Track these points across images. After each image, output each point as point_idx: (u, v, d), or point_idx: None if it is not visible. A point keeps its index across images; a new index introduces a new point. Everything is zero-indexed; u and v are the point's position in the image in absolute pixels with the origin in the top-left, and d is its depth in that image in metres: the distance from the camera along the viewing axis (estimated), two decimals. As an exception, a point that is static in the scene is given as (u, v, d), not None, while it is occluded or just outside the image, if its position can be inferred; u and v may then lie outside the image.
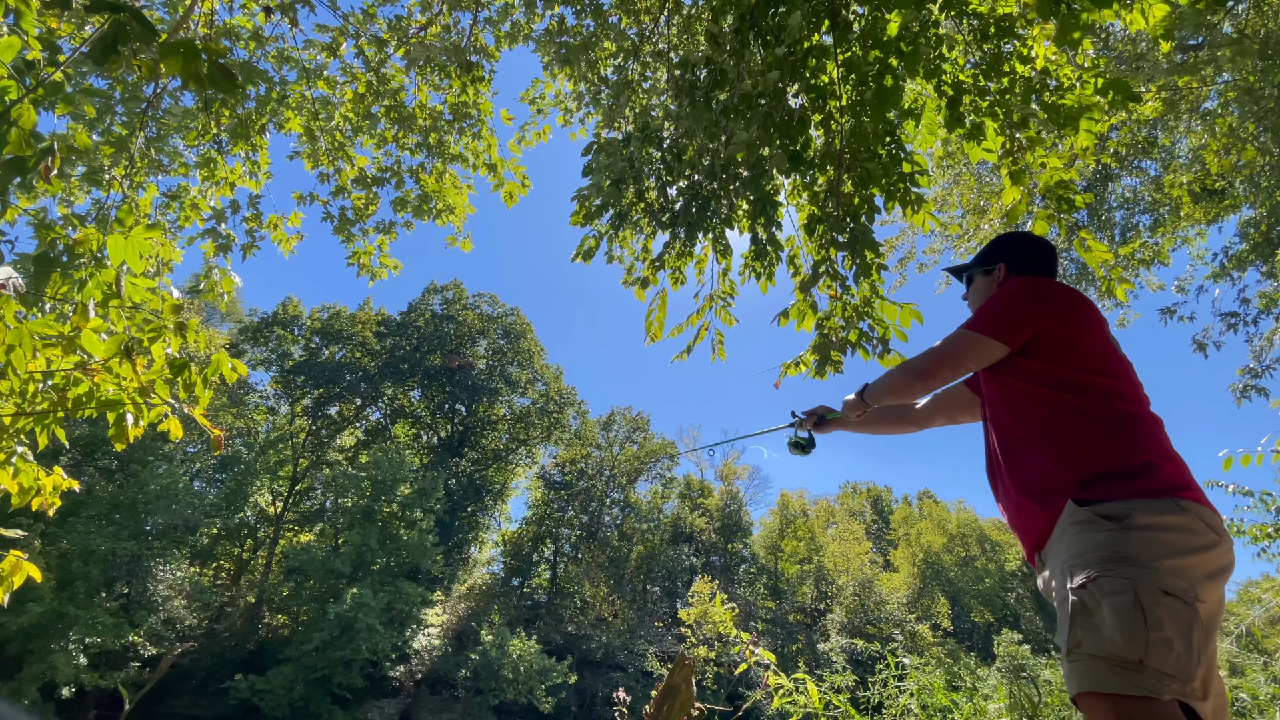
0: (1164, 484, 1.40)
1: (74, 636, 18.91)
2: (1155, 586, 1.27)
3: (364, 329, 34.01)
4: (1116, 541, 1.33)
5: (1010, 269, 1.94)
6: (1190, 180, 7.26)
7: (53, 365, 2.42)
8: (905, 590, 36.51)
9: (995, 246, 2.02)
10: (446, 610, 28.42)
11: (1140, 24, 2.56)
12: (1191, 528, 1.35)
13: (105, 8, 1.60)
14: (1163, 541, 1.32)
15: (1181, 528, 1.34)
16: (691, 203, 3.51)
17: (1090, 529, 1.38)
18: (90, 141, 2.65)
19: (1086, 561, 1.35)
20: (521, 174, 5.48)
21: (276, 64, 4.96)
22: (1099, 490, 1.43)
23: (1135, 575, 1.28)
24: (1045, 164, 2.96)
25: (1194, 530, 1.35)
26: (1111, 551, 1.33)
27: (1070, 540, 1.41)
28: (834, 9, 2.90)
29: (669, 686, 3.00)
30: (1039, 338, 1.65)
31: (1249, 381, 8.09)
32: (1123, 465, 1.44)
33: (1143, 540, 1.33)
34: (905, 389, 1.88)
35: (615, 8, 4.75)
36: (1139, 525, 1.34)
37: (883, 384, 1.97)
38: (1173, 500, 1.37)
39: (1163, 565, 1.29)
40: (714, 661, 24.08)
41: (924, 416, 2.23)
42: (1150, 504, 1.37)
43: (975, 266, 2.05)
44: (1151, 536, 1.33)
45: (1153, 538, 1.33)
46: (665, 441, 38.88)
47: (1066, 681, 1.31)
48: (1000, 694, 3.66)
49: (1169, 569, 1.29)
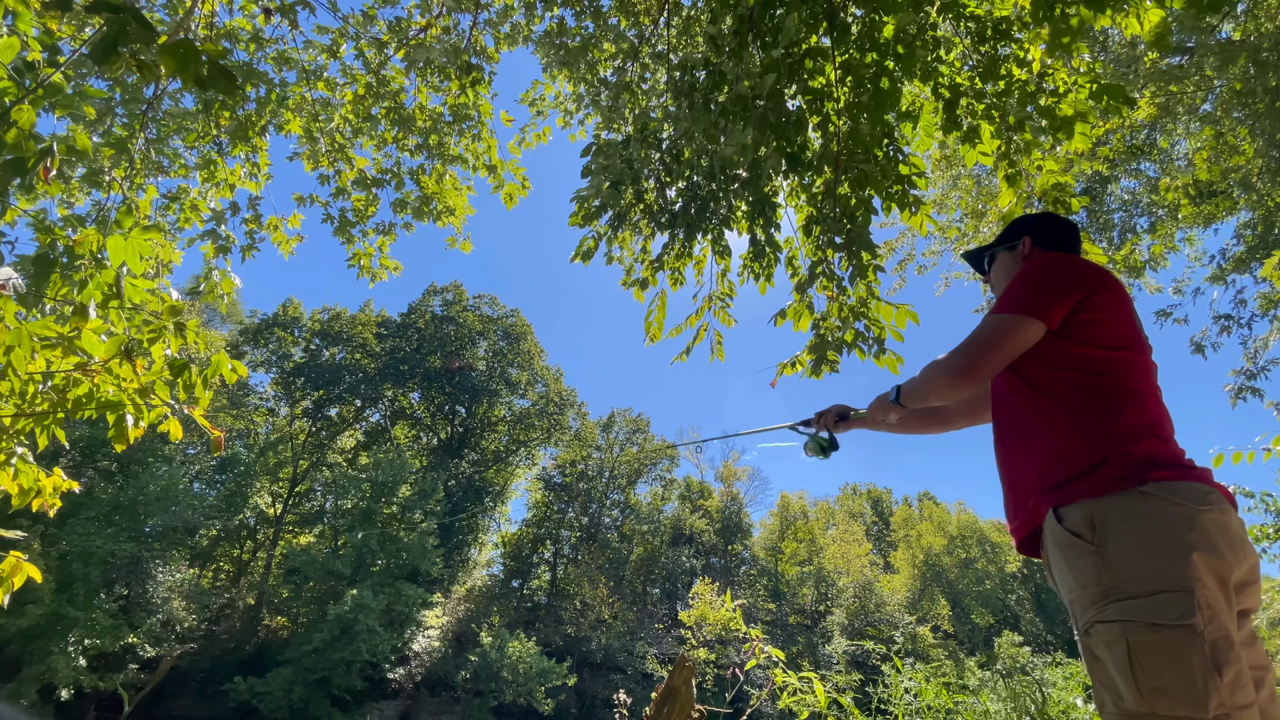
0: (1126, 472, 1.37)
1: (73, 638, 18.90)
2: (1143, 623, 1.25)
3: (364, 330, 34.02)
4: (1099, 571, 1.33)
5: (1036, 242, 1.87)
6: (1187, 183, 7.27)
7: (53, 366, 2.43)
8: (905, 592, 36.48)
9: (1019, 223, 1.95)
10: (446, 612, 28.39)
11: (1135, 29, 2.57)
12: (1160, 511, 1.31)
13: (105, 8, 1.61)
14: (1135, 550, 1.30)
15: (1149, 517, 1.31)
16: (690, 204, 3.52)
17: (1073, 555, 1.37)
18: (90, 143, 2.66)
19: (1082, 602, 1.35)
20: (521, 175, 5.50)
21: (276, 65, 4.98)
22: (1068, 493, 1.42)
23: (1123, 614, 1.27)
24: (1042, 167, 2.97)
25: (1163, 514, 1.31)
26: (1098, 587, 1.32)
27: (1061, 569, 1.41)
28: (832, 11, 2.91)
29: (669, 688, 3.00)
30: (1074, 318, 1.56)
31: (1243, 383, 8.10)
32: (1086, 461, 1.42)
33: (1119, 558, 1.31)
34: (948, 388, 1.69)
35: (614, 9, 4.76)
36: (1113, 538, 1.32)
37: (920, 385, 1.78)
38: (1136, 491, 1.34)
39: (1144, 582, 1.27)
40: (714, 664, 24.06)
41: (958, 415, 2.09)
42: (1116, 501, 1.35)
43: (998, 245, 1.98)
44: (1125, 549, 1.31)
45: (1126, 550, 1.31)
46: (665, 443, 38.92)
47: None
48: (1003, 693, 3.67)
49: (1151, 582, 1.27)
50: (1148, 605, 1.26)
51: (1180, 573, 1.26)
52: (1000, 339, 1.59)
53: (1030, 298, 1.59)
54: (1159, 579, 1.27)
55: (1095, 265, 1.66)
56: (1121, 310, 1.59)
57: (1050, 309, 1.56)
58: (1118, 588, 1.30)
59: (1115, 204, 8.13)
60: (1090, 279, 1.60)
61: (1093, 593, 1.33)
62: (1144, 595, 1.27)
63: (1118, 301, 1.59)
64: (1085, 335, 1.54)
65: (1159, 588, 1.26)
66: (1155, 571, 1.27)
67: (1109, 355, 1.52)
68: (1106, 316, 1.56)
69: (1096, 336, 1.54)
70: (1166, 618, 1.23)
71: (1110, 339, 1.54)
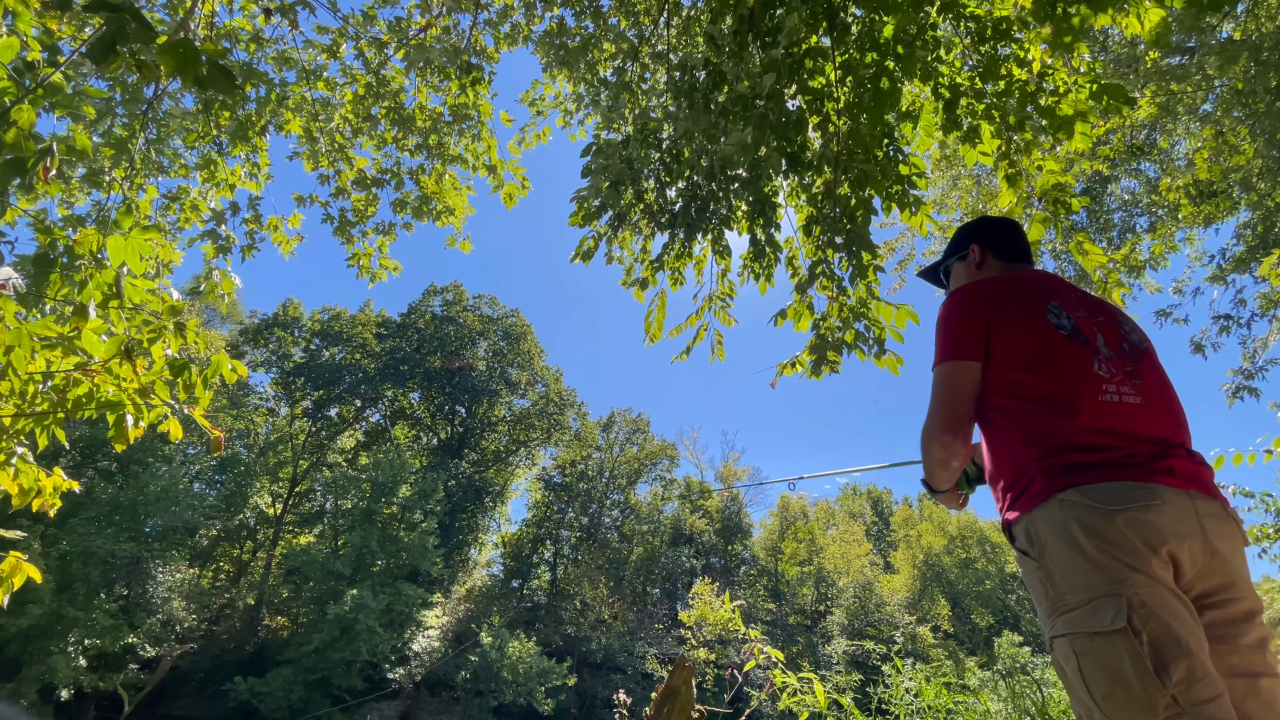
0: (1048, 484, 1.39)
1: (73, 638, 18.90)
2: (1084, 633, 1.27)
3: (364, 330, 34.01)
4: (1045, 585, 1.36)
5: (984, 247, 1.92)
6: (1188, 183, 7.27)
7: (53, 366, 2.43)
8: (905, 592, 36.48)
9: (964, 231, 2.00)
10: (446, 612, 28.39)
11: (1136, 28, 2.57)
12: (1079, 518, 1.31)
13: (104, 8, 1.61)
14: (1064, 559, 1.32)
15: (1070, 524, 1.32)
16: (690, 204, 3.52)
17: (1027, 571, 1.43)
18: (90, 143, 2.66)
19: (1042, 616, 1.39)
20: (521, 175, 5.50)
21: (276, 65, 4.98)
22: (1011, 511, 1.47)
23: (1068, 626, 1.30)
24: (1042, 167, 2.97)
25: (1082, 520, 1.31)
26: (1046, 601, 1.36)
27: (1025, 579, 1.46)
28: (832, 11, 2.91)
29: (669, 688, 3.00)
30: (990, 345, 1.61)
31: (1241, 382, 8.10)
32: (1021, 479, 1.46)
33: (1056, 569, 1.33)
34: (943, 450, 1.65)
35: (614, 9, 4.76)
36: (1048, 550, 1.35)
37: (925, 464, 1.75)
38: (1056, 500, 1.36)
39: (1080, 590, 1.29)
40: (714, 664, 24.06)
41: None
42: (1041, 512, 1.38)
43: (950, 257, 2.02)
44: (1058, 559, 1.33)
45: (1059, 560, 1.33)
46: (665, 443, 38.88)
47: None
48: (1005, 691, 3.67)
49: (1086, 589, 1.28)
50: (1085, 615, 1.27)
51: (1107, 577, 1.26)
52: (945, 390, 1.64)
53: (948, 343, 1.65)
54: (1091, 585, 1.28)
55: (995, 281, 1.70)
56: (1026, 318, 1.60)
57: (966, 346, 1.62)
58: (1063, 599, 1.32)
59: (1115, 204, 8.13)
60: (988, 299, 1.64)
61: (1045, 607, 1.37)
62: (1082, 605, 1.28)
63: (1021, 308, 1.61)
64: (1001, 359, 1.59)
65: (1093, 595, 1.27)
66: (1085, 578, 1.29)
67: (1020, 376, 1.55)
68: (1011, 333, 1.59)
69: (1010, 357, 1.57)
70: (1101, 624, 1.24)
71: (1019, 354, 1.56)
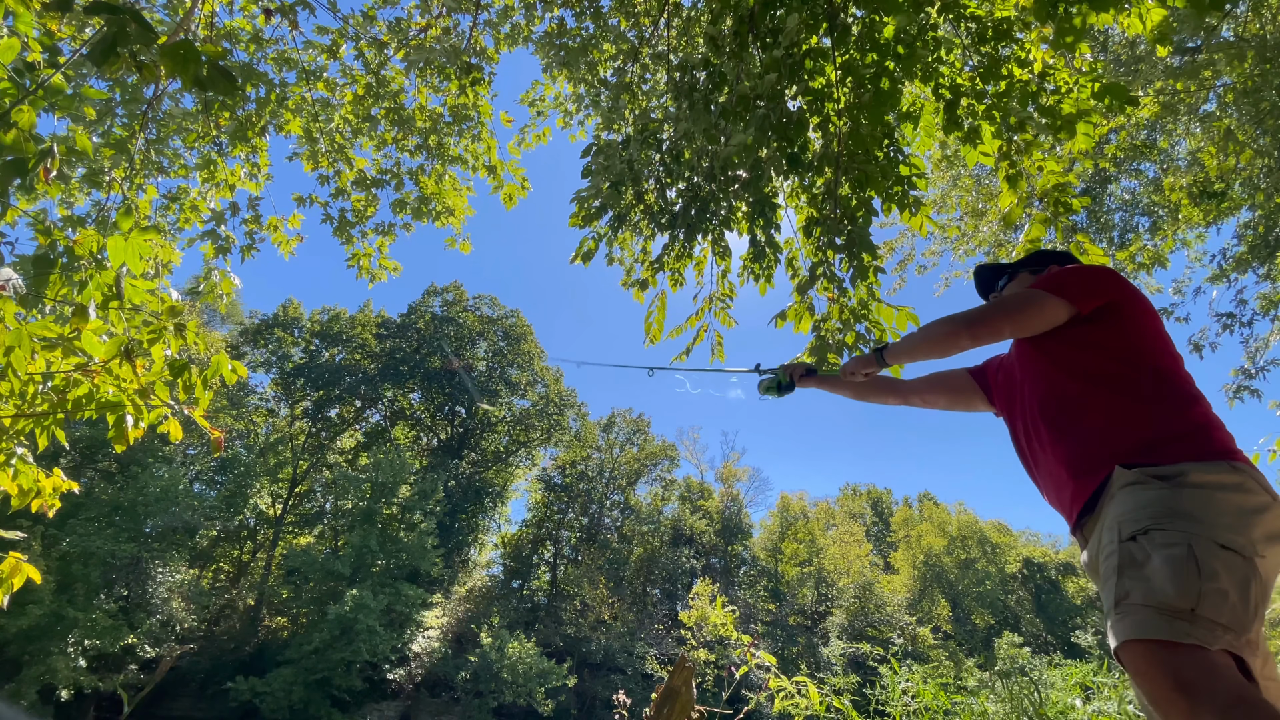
0: (1218, 446, 1.40)
1: (73, 639, 18.88)
2: (1211, 540, 1.24)
3: (364, 331, 34.00)
4: (1169, 498, 1.31)
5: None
6: (1190, 183, 7.27)
7: (52, 367, 2.42)
8: (906, 593, 36.47)
9: (1045, 253, 2.02)
10: (446, 612, 28.38)
11: (1138, 28, 2.57)
12: (1246, 488, 1.33)
13: (105, 9, 1.61)
14: (1218, 500, 1.30)
15: (1237, 487, 1.32)
16: (690, 204, 3.52)
17: (1141, 489, 1.36)
18: (90, 143, 2.66)
19: (1138, 517, 1.32)
20: (521, 176, 5.50)
21: (276, 66, 4.98)
22: (1151, 455, 1.41)
23: (1190, 529, 1.26)
24: (1043, 167, 2.97)
25: (1249, 490, 1.32)
26: (1164, 507, 1.30)
27: (1120, 500, 1.39)
28: (832, 11, 2.91)
29: (669, 689, 3.00)
30: (1109, 310, 1.62)
31: (1242, 383, 8.09)
32: (1175, 429, 1.43)
33: (1198, 497, 1.30)
34: (947, 340, 1.73)
35: (614, 10, 4.76)
36: (1193, 483, 1.32)
37: (915, 339, 1.83)
38: (1226, 462, 1.36)
39: (1219, 521, 1.27)
40: (714, 664, 24.06)
41: (913, 391, 2.16)
42: (1204, 465, 1.35)
43: (1023, 266, 2.02)
44: (1207, 495, 1.30)
45: (1208, 496, 1.30)
46: (666, 444, 38.88)
47: (1111, 635, 1.26)
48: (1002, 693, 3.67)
49: (1226, 525, 1.27)
50: (1218, 530, 1.26)
51: (1251, 545, 1.26)
52: (1024, 309, 1.65)
53: (1067, 284, 1.65)
54: (1230, 538, 1.26)
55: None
56: (1158, 321, 1.66)
57: (1087, 297, 1.62)
58: (1188, 513, 1.29)
59: (1115, 204, 8.13)
60: (1129, 285, 1.68)
61: (1154, 510, 1.31)
62: (1214, 525, 1.27)
63: (1153, 313, 1.67)
64: (1132, 328, 1.61)
65: (1228, 544, 1.25)
66: (1228, 530, 1.27)
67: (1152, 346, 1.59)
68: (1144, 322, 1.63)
69: (1143, 333, 1.61)
70: (1236, 545, 1.25)
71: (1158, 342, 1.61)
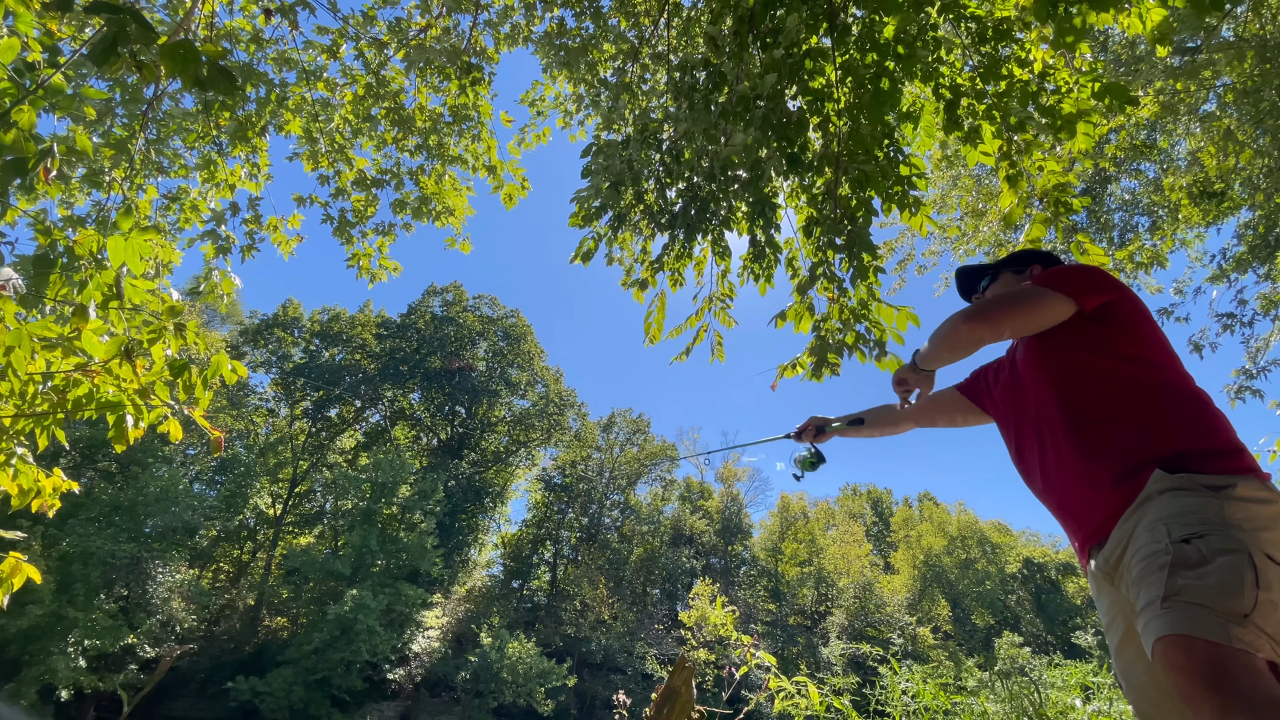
0: (1251, 463, 1.43)
1: (73, 639, 18.89)
2: (1263, 552, 1.26)
3: (364, 331, 34.01)
4: (1219, 507, 1.33)
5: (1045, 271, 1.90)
6: (1190, 183, 7.26)
7: (53, 367, 2.42)
8: (906, 593, 36.49)
9: (1027, 253, 2.00)
10: (446, 612, 28.39)
11: (1137, 28, 2.56)
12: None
13: (105, 9, 1.61)
14: (1263, 515, 1.32)
15: (1272, 503, 1.35)
16: (690, 204, 3.52)
17: (1188, 495, 1.36)
18: (90, 143, 2.66)
19: (1188, 521, 1.32)
20: (521, 176, 5.49)
21: (276, 66, 4.98)
22: (1193, 463, 1.41)
23: (1244, 540, 1.27)
24: (1043, 167, 2.97)
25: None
26: (1216, 515, 1.31)
27: (1164, 503, 1.38)
28: (832, 11, 2.91)
29: (669, 689, 3.00)
30: (1112, 309, 1.63)
31: (1244, 383, 8.09)
32: (1217, 443, 1.44)
33: (1244, 510, 1.32)
34: (951, 335, 1.72)
35: (614, 10, 4.76)
36: (1240, 496, 1.34)
37: (931, 339, 1.82)
38: (1260, 481, 1.39)
39: (1266, 536, 1.29)
40: (714, 664, 24.05)
41: (910, 416, 2.17)
42: (1247, 480, 1.37)
43: (1006, 266, 2.00)
44: (1252, 509, 1.33)
45: (1254, 510, 1.33)
46: (666, 444, 38.90)
47: (1154, 626, 1.24)
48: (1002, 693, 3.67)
49: (1270, 540, 1.29)
50: (1265, 544, 1.27)
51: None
52: (1030, 306, 1.65)
53: (1068, 281, 1.66)
54: (1274, 544, 1.28)
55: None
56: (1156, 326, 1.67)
57: (1089, 294, 1.63)
58: (1238, 524, 1.30)
59: (1115, 204, 8.12)
60: (1124, 287, 1.69)
61: (1205, 517, 1.32)
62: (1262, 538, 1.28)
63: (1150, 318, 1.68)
64: (1148, 330, 1.62)
65: (1275, 547, 1.28)
66: (1274, 545, 1.28)
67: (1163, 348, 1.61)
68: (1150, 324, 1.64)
69: (1155, 335, 1.62)
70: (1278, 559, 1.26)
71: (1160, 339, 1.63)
